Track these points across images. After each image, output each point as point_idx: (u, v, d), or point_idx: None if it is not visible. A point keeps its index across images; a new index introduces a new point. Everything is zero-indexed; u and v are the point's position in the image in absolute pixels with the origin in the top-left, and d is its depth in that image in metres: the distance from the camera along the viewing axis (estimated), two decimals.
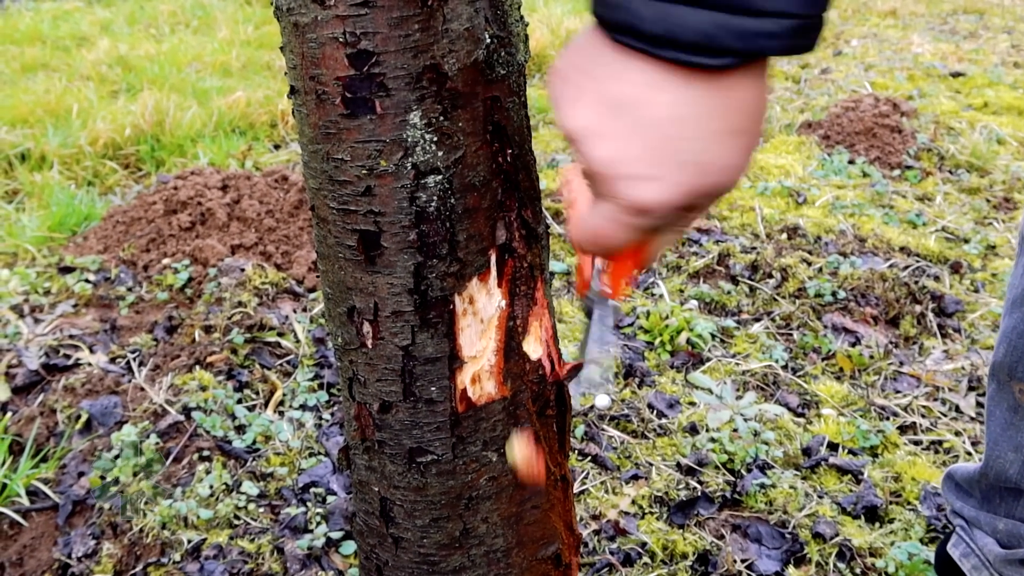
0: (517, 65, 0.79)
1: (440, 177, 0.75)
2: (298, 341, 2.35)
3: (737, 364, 2.31)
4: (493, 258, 0.81)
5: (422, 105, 0.72)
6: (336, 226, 0.78)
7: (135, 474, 1.87)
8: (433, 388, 0.82)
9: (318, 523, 1.78)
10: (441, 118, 0.73)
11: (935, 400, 2.22)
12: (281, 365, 2.28)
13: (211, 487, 1.85)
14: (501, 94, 0.77)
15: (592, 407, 2.13)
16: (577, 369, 0.89)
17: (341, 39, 0.71)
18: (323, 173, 0.77)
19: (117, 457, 1.90)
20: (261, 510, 1.83)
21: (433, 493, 0.86)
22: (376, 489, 0.89)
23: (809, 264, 2.79)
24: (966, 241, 3.00)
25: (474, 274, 0.80)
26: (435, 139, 0.74)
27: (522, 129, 0.82)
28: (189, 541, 1.73)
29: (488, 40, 0.75)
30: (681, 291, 2.64)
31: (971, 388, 2.25)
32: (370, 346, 0.82)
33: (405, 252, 0.77)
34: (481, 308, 0.81)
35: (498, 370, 0.84)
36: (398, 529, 0.89)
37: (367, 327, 0.81)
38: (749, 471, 1.93)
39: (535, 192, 0.84)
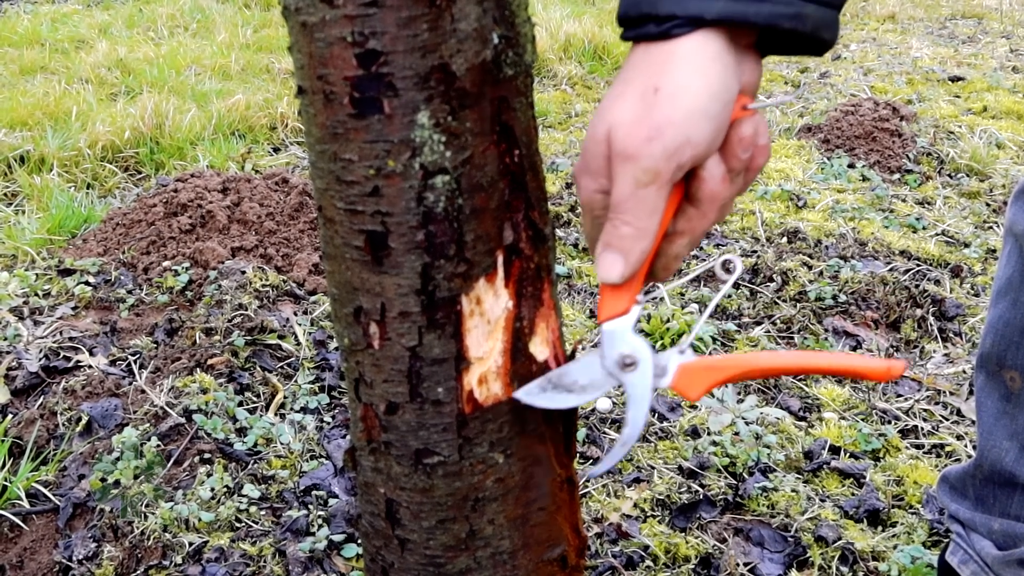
0: (525, 66, 0.79)
1: (448, 177, 0.75)
2: (299, 344, 2.35)
3: None
4: (500, 259, 0.80)
5: (430, 105, 0.72)
6: (343, 226, 0.78)
7: (136, 476, 1.86)
8: (440, 389, 0.82)
9: (320, 526, 1.78)
10: (449, 118, 0.73)
11: (936, 404, 2.22)
12: (282, 368, 2.28)
13: (212, 490, 1.85)
14: (509, 94, 0.77)
15: (594, 410, 2.13)
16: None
17: (349, 39, 0.70)
18: (330, 173, 0.76)
19: (118, 459, 1.90)
20: (263, 513, 1.83)
21: (439, 494, 0.85)
22: (382, 491, 0.88)
23: (810, 268, 2.79)
24: (966, 245, 3.01)
25: (481, 275, 0.80)
26: (443, 139, 0.73)
27: (529, 130, 0.81)
28: (190, 544, 1.73)
29: (496, 40, 0.74)
30: (682, 294, 2.64)
31: (972, 392, 2.25)
32: (377, 347, 0.81)
33: (412, 252, 0.77)
34: (488, 309, 0.81)
35: (505, 371, 0.83)
36: (404, 531, 0.89)
37: (374, 328, 0.81)
38: (751, 474, 1.93)
39: (542, 193, 0.84)
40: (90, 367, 2.23)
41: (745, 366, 0.83)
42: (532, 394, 0.84)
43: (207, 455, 1.95)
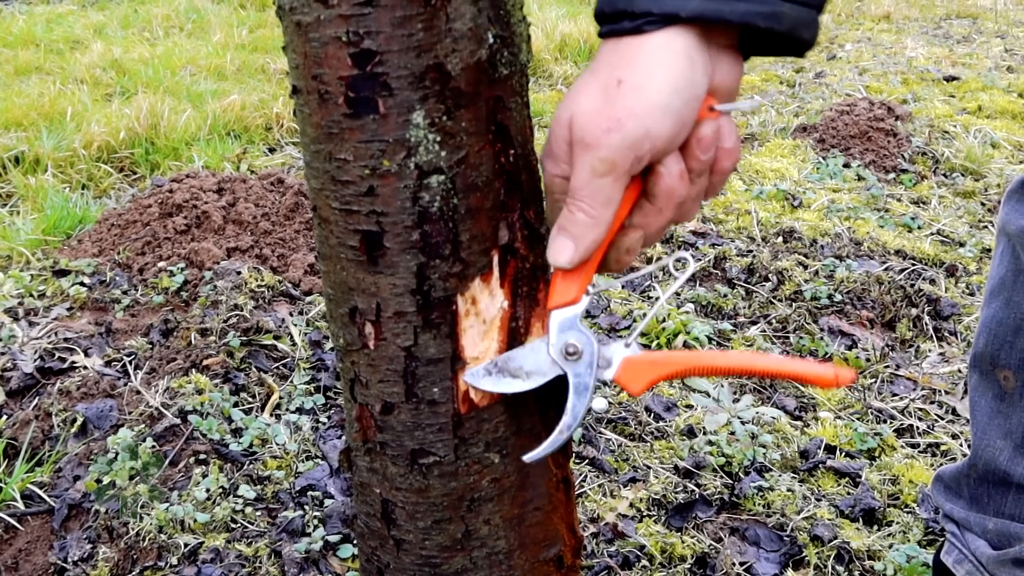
0: (520, 65, 0.79)
1: (443, 177, 0.75)
2: (294, 344, 2.35)
3: None
4: (495, 258, 0.80)
5: (425, 105, 0.72)
6: (338, 226, 0.78)
7: (131, 477, 1.86)
8: (435, 389, 0.82)
9: (315, 526, 1.78)
10: (444, 118, 0.73)
11: (932, 403, 2.22)
12: (277, 368, 2.28)
13: (208, 490, 1.84)
14: (504, 94, 0.77)
15: (590, 410, 2.13)
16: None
17: (344, 38, 0.70)
18: (325, 173, 0.76)
19: (113, 460, 1.89)
20: (258, 513, 1.82)
21: (435, 495, 0.85)
22: (378, 491, 0.88)
23: (805, 267, 2.79)
24: (961, 244, 3.01)
25: (476, 274, 0.79)
26: (438, 139, 0.73)
27: (524, 129, 0.81)
28: (186, 545, 1.72)
29: (491, 40, 0.74)
30: (678, 294, 2.64)
31: (967, 391, 2.26)
32: (372, 347, 0.81)
33: (408, 252, 0.77)
34: (483, 309, 0.81)
35: None
36: (400, 531, 0.88)
37: (369, 328, 0.81)
38: (747, 474, 1.93)
39: (537, 192, 0.84)
40: (85, 368, 2.23)
41: (689, 363, 0.83)
42: (477, 376, 0.82)
43: (203, 456, 1.95)
